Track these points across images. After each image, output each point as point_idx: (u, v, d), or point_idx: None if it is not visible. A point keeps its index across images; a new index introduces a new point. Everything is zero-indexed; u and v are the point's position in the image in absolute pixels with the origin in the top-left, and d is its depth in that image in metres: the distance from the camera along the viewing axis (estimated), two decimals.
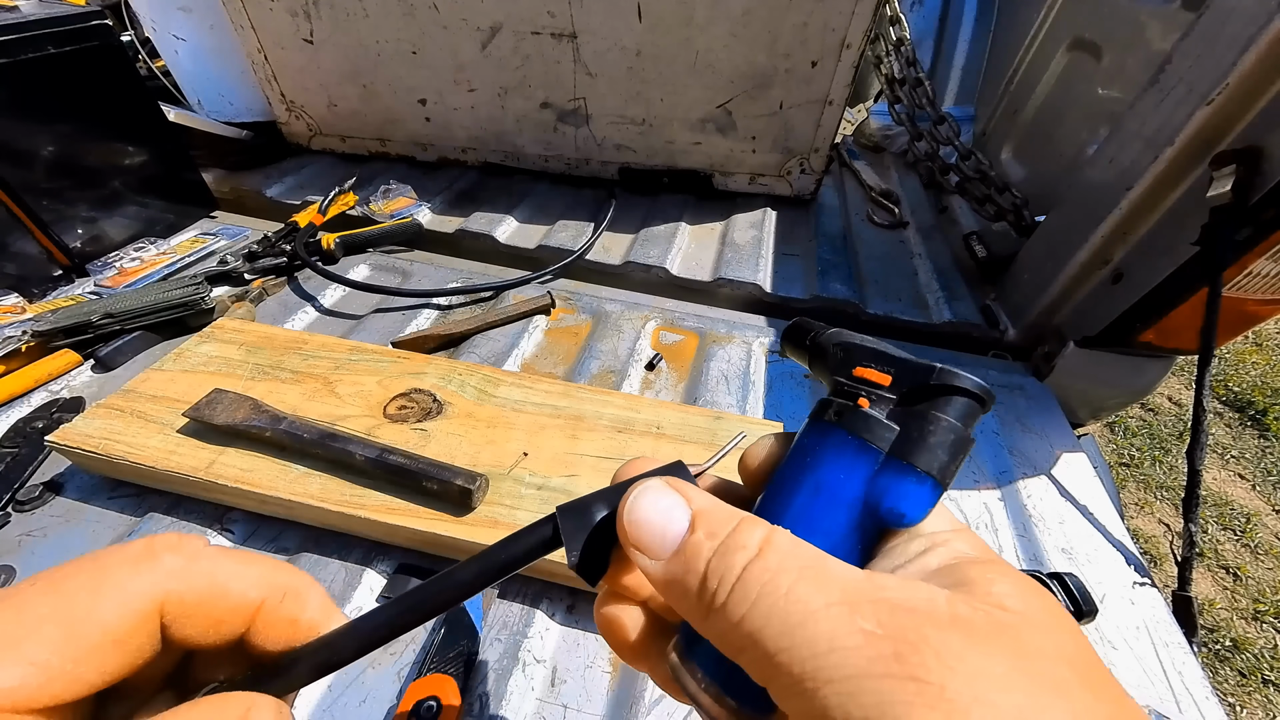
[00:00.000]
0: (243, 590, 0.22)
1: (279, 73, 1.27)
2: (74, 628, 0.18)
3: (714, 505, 0.21)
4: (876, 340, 0.25)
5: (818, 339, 0.27)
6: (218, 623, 0.22)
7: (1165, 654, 0.56)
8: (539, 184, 1.30)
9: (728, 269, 1.03)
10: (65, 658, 0.18)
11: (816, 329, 0.28)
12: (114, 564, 0.20)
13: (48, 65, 0.85)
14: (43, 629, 0.18)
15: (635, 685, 0.50)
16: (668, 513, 0.20)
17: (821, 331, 0.27)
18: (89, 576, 0.20)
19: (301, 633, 0.23)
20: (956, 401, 0.21)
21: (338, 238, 1.02)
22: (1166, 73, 0.71)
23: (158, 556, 0.21)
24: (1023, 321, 0.93)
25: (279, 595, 0.23)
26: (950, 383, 0.21)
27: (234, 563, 0.23)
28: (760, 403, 0.79)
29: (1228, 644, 1.58)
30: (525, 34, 1.11)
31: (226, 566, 0.22)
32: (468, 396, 0.67)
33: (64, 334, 0.78)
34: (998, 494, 0.70)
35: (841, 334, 0.27)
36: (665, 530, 0.20)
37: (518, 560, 0.23)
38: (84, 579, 0.20)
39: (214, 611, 0.22)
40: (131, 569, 0.20)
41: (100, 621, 0.19)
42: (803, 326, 0.29)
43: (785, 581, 0.17)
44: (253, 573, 0.23)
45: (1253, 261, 0.64)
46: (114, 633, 0.19)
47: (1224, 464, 2.13)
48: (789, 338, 0.29)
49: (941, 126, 1.19)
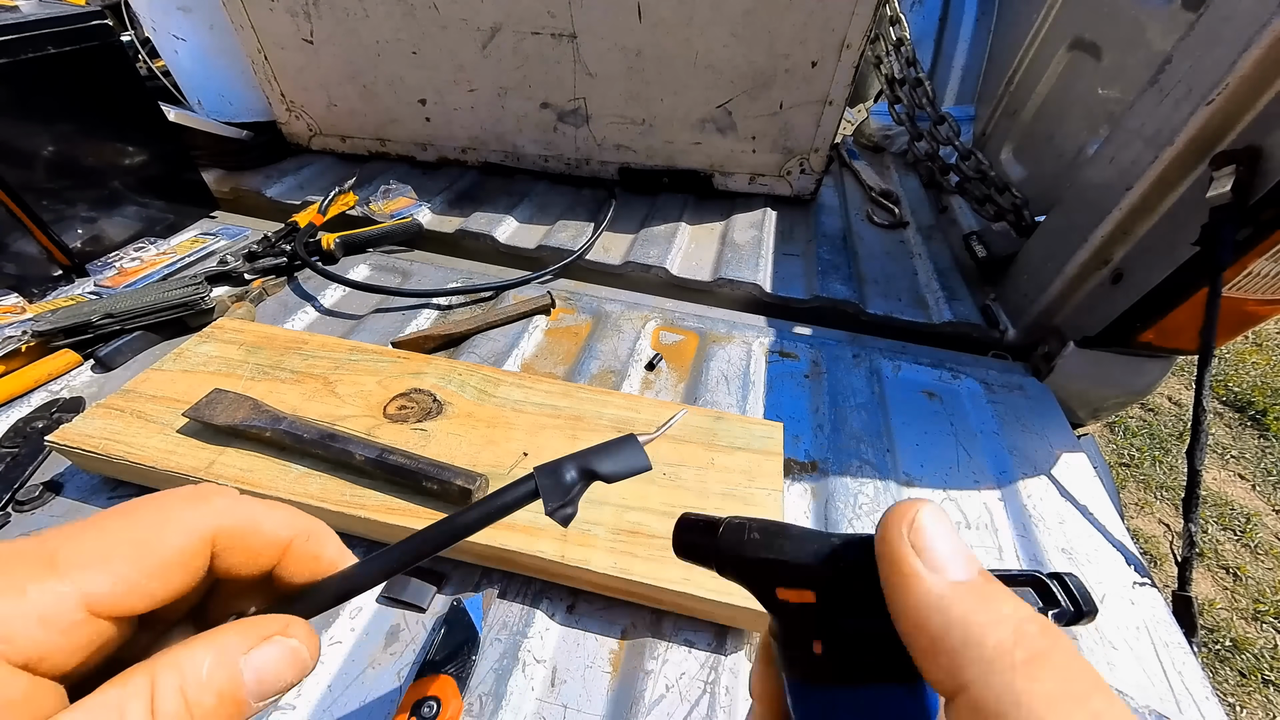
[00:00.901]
0: (275, 529, 0.26)
1: (279, 73, 1.27)
2: (149, 549, 0.22)
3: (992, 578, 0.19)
4: (773, 526, 0.23)
5: (719, 550, 0.24)
6: (256, 555, 0.25)
7: (1165, 654, 0.56)
8: (539, 184, 1.30)
9: (728, 269, 1.03)
10: (141, 573, 0.21)
11: (704, 544, 0.25)
12: (175, 501, 0.24)
13: (48, 65, 0.85)
14: (123, 548, 0.22)
15: (635, 685, 0.50)
16: (957, 548, 0.19)
17: (716, 538, 0.24)
18: (157, 510, 0.23)
19: (323, 567, 0.27)
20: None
21: (338, 238, 1.02)
22: (1166, 73, 0.71)
23: (208, 498, 0.25)
24: (1022, 321, 0.93)
25: (305, 536, 0.27)
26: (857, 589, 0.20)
27: (267, 508, 0.26)
28: (760, 402, 0.79)
29: (1228, 644, 1.58)
30: (525, 34, 1.11)
31: (261, 509, 0.26)
32: (468, 396, 0.67)
33: (64, 334, 0.78)
34: (998, 494, 0.70)
35: (739, 531, 0.24)
36: (956, 559, 0.19)
37: (509, 507, 0.28)
38: (153, 511, 0.23)
39: (254, 544, 0.25)
40: (190, 505, 0.24)
41: (169, 545, 0.22)
42: (695, 543, 0.26)
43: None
44: (282, 516, 0.27)
45: (1253, 261, 0.64)
46: (179, 556, 0.23)
47: (1224, 464, 2.13)
48: (687, 552, 0.26)
49: (941, 126, 1.19)
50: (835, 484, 0.69)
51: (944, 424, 0.78)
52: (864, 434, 0.75)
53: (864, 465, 0.71)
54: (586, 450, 0.30)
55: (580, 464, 0.29)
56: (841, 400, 0.80)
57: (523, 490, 0.28)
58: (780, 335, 0.91)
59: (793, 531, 0.23)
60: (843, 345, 0.90)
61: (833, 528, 0.64)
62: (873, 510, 0.66)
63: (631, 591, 0.53)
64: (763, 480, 0.60)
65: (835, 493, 0.68)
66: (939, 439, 0.76)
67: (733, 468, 0.61)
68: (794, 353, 0.88)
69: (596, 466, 0.29)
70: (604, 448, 0.31)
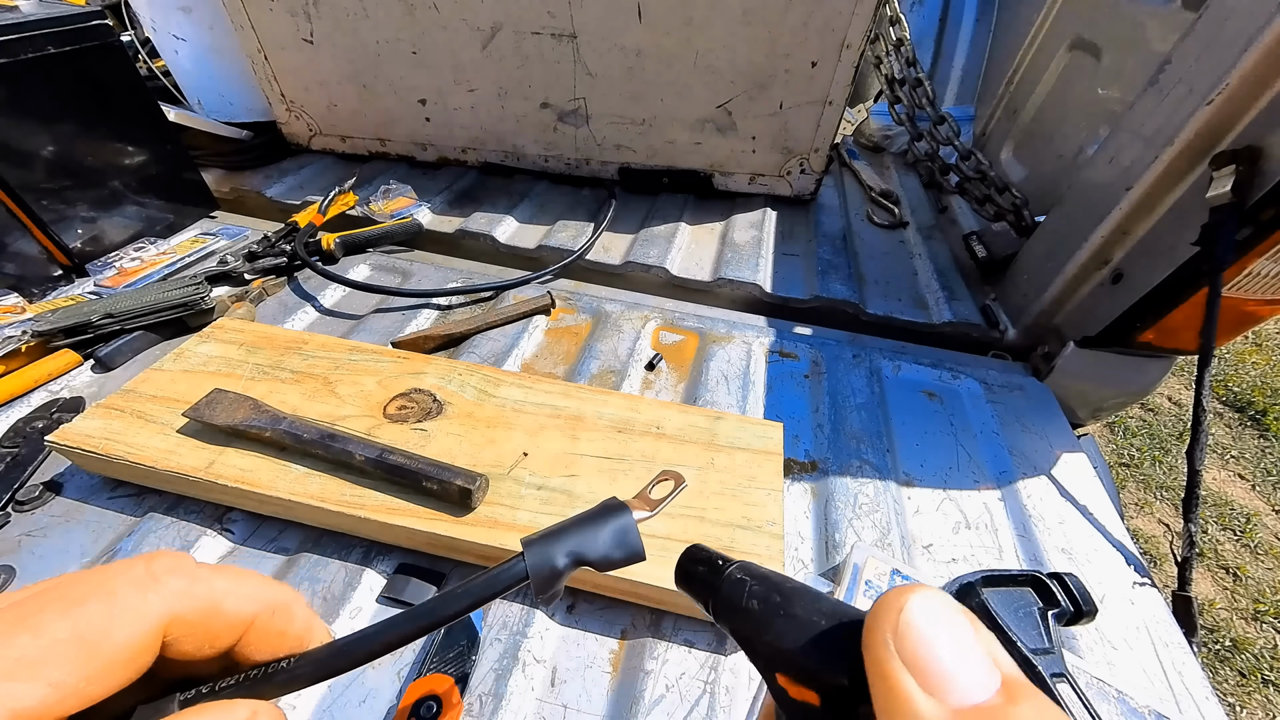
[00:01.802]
0: (238, 607, 0.23)
1: (279, 73, 1.27)
2: (90, 649, 0.19)
3: (1026, 683, 0.15)
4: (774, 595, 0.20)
5: (716, 603, 0.22)
6: (215, 638, 0.23)
7: (1165, 654, 0.56)
8: (539, 184, 1.30)
9: (728, 269, 1.03)
10: (79, 677, 0.19)
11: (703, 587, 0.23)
12: (122, 585, 0.21)
13: (48, 65, 0.85)
14: (62, 650, 0.19)
15: (635, 685, 0.50)
16: (965, 652, 0.15)
17: (717, 586, 0.22)
18: (103, 597, 0.20)
19: (288, 644, 0.24)
20: None
21: (338, 238, 1.02)
22: (1166, 73, 0.71)
23: (161, 579, 0.22)
24: (1022, 321, 0.93)
25: (270, 611, 0.24)
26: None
27: (229, 580, 0.23)
28: (760, 403, 0.79)
29: (1228, 644, 1.58)
30: (525, 34, 1.11)
31: (222, 585, 0.23)
32: (468, 396, 0.67)
33: (64, 334, 0.78)
34: (998, 494, 0.70)
35: (740, 588, 0.21)
36: (963, 671, 0.15)
37: (498, 593, 0.26)
38: (98, 600, 0.20)
39: (213, 628, 0.22)
40: (139, 591, 0.21)
41: (114, 642, 0.20)
42: (695, 582, 0.23)
43: None
44: (246, 589, 0.24)
45: (1253, 261, 0.64)
46: (125, 653, 0.20)
47: (1224, 464, 2.13)
48: (686, 584, 0.25)
49: (941, 126, 1.19)
50: (835, 484, 0.69)
51: (944, 424, 0.78)
52: (864, 434, 0.75)
53: (864, 465, 0.71)
54: (579, 525, 0.28)
55: (572, 549, 0.27)
56: (841, 400, 0.80)
57: (513, 574, 0.26)
58: (780, 335, 0.91)
59: (797, 607, 0.19)
60: (843, 345, 0.90)
61: (833, 528, 0.64)
62: (872, 510, 0.66)
63: (631, 591, 0.53)
64: (763, 480, 0.60)
65: (835, 492, 0.68)
66: (939, 439, 0.76)
67: (733, 468, 0.61)
68: (794, 353, 0.88)
69: (588, 553, 0.28)
70: (596, 524, 0.29)
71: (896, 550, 0.62)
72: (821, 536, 0.64)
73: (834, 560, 0.61)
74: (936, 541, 0.64)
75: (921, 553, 0.63)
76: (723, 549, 0.27)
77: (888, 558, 0.58)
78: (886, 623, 0.16)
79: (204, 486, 0.58)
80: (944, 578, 0.56)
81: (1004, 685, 0.15)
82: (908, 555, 0.62)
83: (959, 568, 0.62)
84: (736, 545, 0.54)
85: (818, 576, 0.60)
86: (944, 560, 0.62)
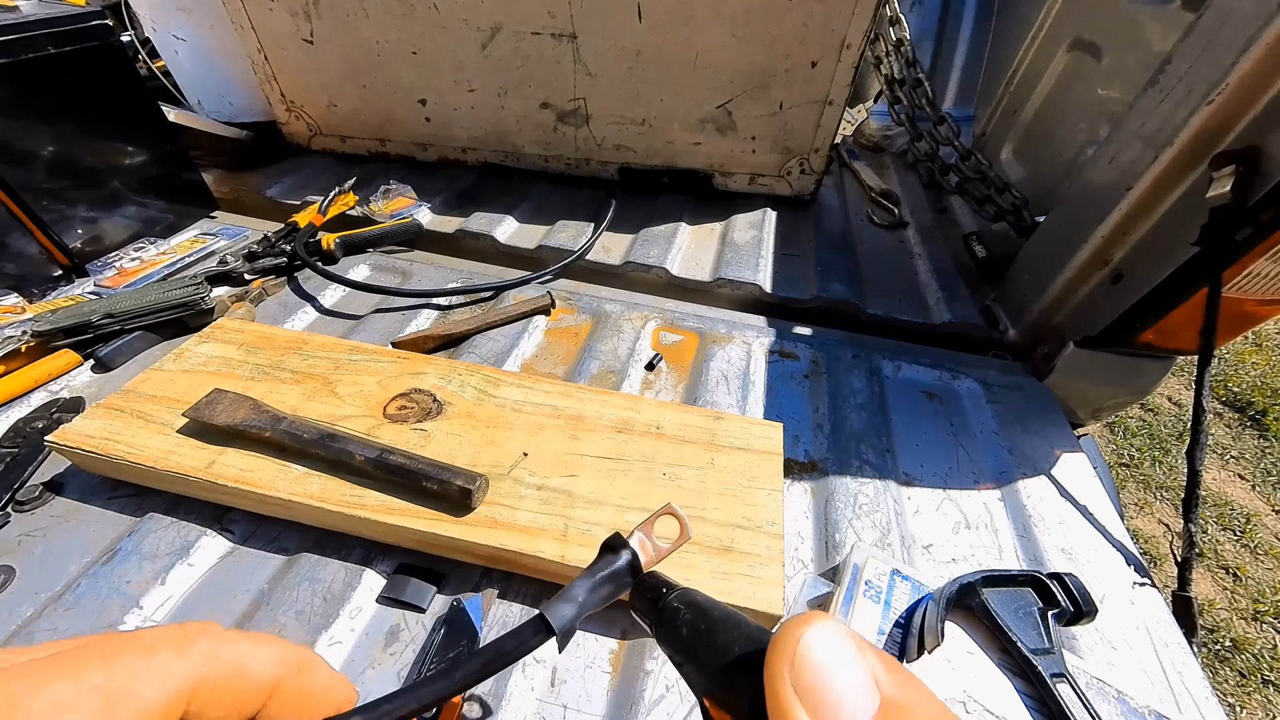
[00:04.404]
0: (262, 670, 0.23)
1: (279, 73, 1.27)
2: (119, 704, 0.19)
3: (915, 694, 0.17)
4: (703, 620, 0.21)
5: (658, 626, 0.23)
6: (240, 702, 0.23)
7: (1165, 654, 0.56)
8: (539, 184, 1.30)
9: (728, 269, 1.03)
10: None
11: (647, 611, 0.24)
12: (156, 643, 0.21)
13: (48, 65, 0.85)
14: (92, 701, 0.19)
15: (635, 685, 0.50)
16: (849, 679, 0.17)
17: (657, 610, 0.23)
18: (140, 653, 0.21)
19: (313, 705, 0.24)
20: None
21: (338, 238, 1.02)
22: (1166, 73, 0.71)
23: (192, 640, 0.22)
24: (1022, 321, 0.93)
25: (295, 670, 0.24)
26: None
27: (253, 644, 0.24)
28: (760, 403, 0.79)
29: (1228, 644, 1.58)
30: (525, 34, 1.11)
31: (248, 648, 0.23)
32: (468, 396, 0.67)
33: (64, 334, 0.78)
34: (998, 494, 0.70)
35: (674, 616, 0.22)
36: (847, 697, 0.16)
37: (517, 654, 0.26)
38: (134, 655, 0.21)
39: (240, 692, 0.23)
40: (172, 650, 0.21)
41: (141, 699, 0.20)
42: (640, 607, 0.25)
43: None
44: (270, 652, 0.24)
45: (1253, 262, 0.64)
46: (150, 711, 0.20)
47: (1224, 464, 2.13)
48: (634, 609, 0.26)
49: (941, 126, 1.19)
50: (835, 484, 0.69)
51: (944, 424, 0.78)
52: (864, 434, 0.75)
53: (864, 465, 0.71)
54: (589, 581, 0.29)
55: (581, 611, 0.28)
56: (841, 400, 0.80)
57: (533, 640, 0.27)
58: (780, 335, 0.91)
59: (719, 634, 0.20)
60: (843, 345, 0.90)
61: (833, 528, 0.64)
62: (872, 510, 0.66)
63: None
64: (762, 480, 0.60)
65: (835, 493, 0.68)
66: (939, 439, 0.76)
67: (733, 468, 0.61)
68: (794, 353, 0.88)
69: (593, 606, 0.29)
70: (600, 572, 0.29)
71: (896, 550, 0.62)
72: (821, 536, 0.64)
73: (834, 560, 0.61)
74: (936, 541, 0.64)
75: (921, 553, 0.63)
76: (723, 549, 0.27)
77: (888, 558, 0.58)
78: (785, 653, 0.17)
79: (204, 486, 0.57)
80: (944, 578, 0.56)
81: (881, 707, 0.16)
82: (908, 555, 0.62)
83: (959, 568, 0.62)
84: (736, 545, 0.54)
85: (817, 577, 0.60)
86: (944, 560, 0.62)
